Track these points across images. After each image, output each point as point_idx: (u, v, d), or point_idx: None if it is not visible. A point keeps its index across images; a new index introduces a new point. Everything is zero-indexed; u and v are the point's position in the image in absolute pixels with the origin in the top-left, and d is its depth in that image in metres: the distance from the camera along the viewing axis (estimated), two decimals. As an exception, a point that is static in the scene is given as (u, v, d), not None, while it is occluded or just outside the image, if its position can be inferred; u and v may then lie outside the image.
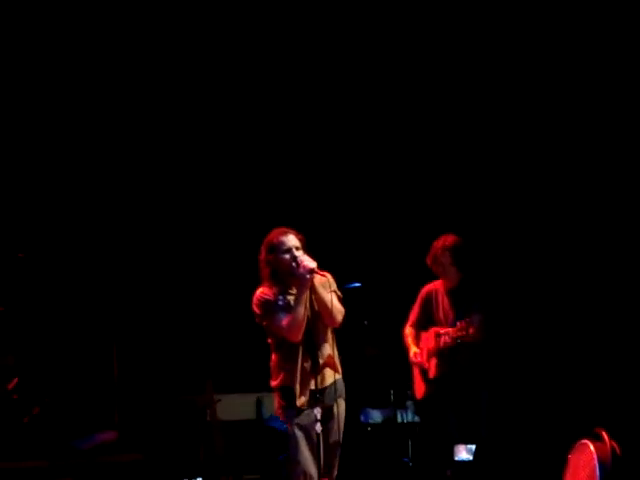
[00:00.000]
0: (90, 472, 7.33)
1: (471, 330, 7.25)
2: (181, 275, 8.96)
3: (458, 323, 7.28)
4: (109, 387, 8.40)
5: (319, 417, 6.03)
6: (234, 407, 8.20)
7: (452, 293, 7.53)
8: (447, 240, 7.53)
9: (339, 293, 6.19)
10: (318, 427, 6.05)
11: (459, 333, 7.25)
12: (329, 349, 6.18)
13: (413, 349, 7.57)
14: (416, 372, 7.60)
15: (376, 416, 8.40)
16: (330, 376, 6.15)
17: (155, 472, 7.49)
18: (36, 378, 8.39)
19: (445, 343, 7.33)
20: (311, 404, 6.07)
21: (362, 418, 8.41)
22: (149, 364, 8.75)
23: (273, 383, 6.20)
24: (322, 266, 6.26)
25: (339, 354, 6.36)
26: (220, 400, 8.01)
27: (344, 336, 6.73)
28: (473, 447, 7.08)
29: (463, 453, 7.08)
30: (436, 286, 7.64)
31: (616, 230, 8.44)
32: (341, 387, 6.22)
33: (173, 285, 8.94)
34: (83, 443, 7.73)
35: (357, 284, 6.99)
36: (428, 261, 7.58)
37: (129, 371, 8.58)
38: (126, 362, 8.58)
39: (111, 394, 8.36)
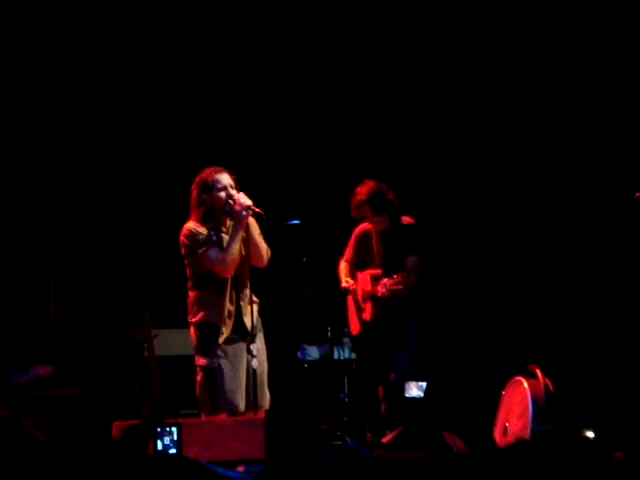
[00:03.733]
0: (26, 406, 7.28)
1: (409, 280, 7.22)
2: (118, 206, 8.88)
3: (395, 276, 7.15)
4: (45, 321, 8.34)
5: (255, 353, 6.07)
6: (172, 342, 8.19)
7: (384, 235, 7.45)
8: (361, 193, 7.34)
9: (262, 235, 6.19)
10: (255, 363, 6.10)
11: (395, 287, 7.13)
12: (249, 288, 6.19)
13: (344, 279, 7.54)
14: (351, 309, 7.60)
15: (313, 353, 8.44)
16: (252, 313, 6.16)
17: (91, 406, 7.47)
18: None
19: (382, 294, 7.21)
20: (237, 339, 6.11)
21: (299, 354, 8.45)
22: (86, 298, 8.70)
23: (193, 319, 6.19)
24: (261, 204, 6.25)
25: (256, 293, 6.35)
26: (158, 335, 7.99)
27: (282, 273, 6.76)
28: (424, 384, 7.13)
29: (414, 390, 7.12)
30: (369, 226, 7.55)
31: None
32: (259, 323, 6.25)
33: (110, 216, 8.87)
34: (18, 377, 7.69)
35: (296, 221, 7.00)
36: (352, 214, 7.43)
37: (66, 305, 8.51)
38: (63, 295, 8.51)
39: (47, 328, 8.30)
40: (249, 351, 6.10)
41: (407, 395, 7.00)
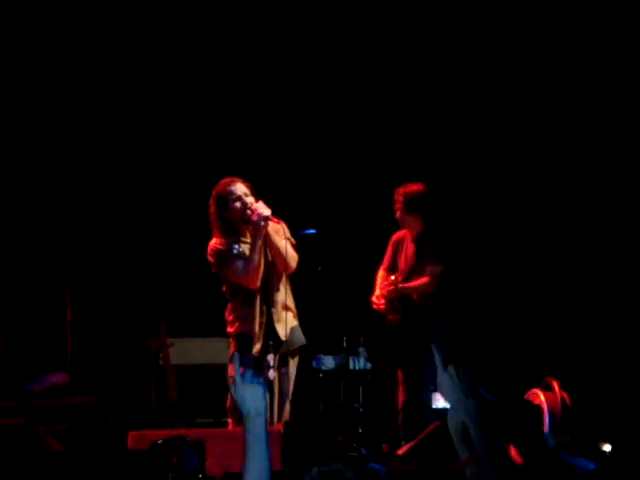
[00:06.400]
0: (41, 414, 7.29)
1: (421, 290, 7.22)
2: (134, 215, 8.89)
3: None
4: (61, 328, 8.34)
5: (272, 364, 6.08)
6: (188, 351, 8.19)
7: (418, 241, 7.41)
8: (400, 192, 7.37)
9: (292, 240, 6.21)
10: (271, 374, 6.09)
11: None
12: (284, 296, 6.22)
13: (376, 292, 7.51)
14: None
15: (328, 362, 8.41)
16: (287, 323, 6.18)
17: (107, 415, 7.48)
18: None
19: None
20: (266, 351, 6.11)
21: (314, 364, 8.42)
22: (102, 306, 8.71)
23: (230, 330, 6.23)
24: (277, 213, 6.26)
25: (294, 300, 6.40)
26: (173, 344, 7.99)
27: (298, 282, 6.76)
28: None
29: (440, 401, 7.09)
30: (405, 233, 7.53)
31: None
32: (298, 334, 6.25)
33: (127, 225, 8.88)
34: (34, 385, 7.70)
35: (312, 230, 6.99)
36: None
37: (82, 313, 8.52)
38: (79, 303, 8.51)
39: (63, 336, 8.31)
40: (279, 363, 6.13)
41: (434, 407, 6.98)
